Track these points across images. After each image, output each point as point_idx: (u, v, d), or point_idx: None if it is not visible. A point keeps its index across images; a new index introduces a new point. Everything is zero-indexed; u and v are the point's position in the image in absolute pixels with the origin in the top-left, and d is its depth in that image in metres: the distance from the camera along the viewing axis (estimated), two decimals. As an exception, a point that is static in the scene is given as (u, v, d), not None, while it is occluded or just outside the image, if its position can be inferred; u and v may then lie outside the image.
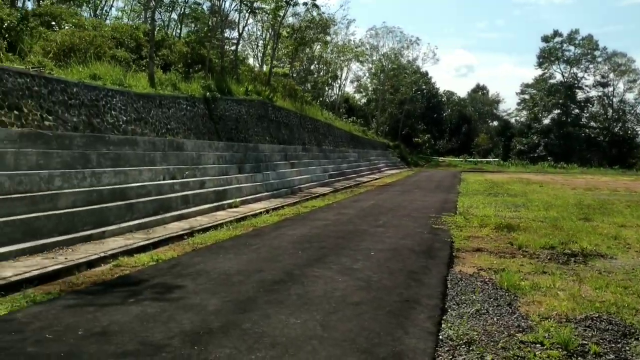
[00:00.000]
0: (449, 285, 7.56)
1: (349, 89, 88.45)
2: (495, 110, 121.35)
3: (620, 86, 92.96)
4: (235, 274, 7.87)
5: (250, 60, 49.00)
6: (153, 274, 7.89)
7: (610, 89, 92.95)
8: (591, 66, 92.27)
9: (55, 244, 10.03)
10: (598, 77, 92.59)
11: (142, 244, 10.94)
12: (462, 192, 25.16)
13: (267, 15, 33.62)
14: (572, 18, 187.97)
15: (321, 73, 59.15)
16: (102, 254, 9.70)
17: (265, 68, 43.12)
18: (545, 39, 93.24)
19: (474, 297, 6.96)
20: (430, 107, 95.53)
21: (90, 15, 36.01)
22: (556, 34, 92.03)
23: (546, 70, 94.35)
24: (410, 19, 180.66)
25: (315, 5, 37.53)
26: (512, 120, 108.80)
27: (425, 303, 6.62)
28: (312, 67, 57.06)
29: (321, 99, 61.37)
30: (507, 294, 7.14)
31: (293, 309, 6.22)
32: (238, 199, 18.70)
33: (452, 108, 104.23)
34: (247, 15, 32.80)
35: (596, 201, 20.61)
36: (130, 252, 10.17)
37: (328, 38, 47.82)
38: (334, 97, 70.30)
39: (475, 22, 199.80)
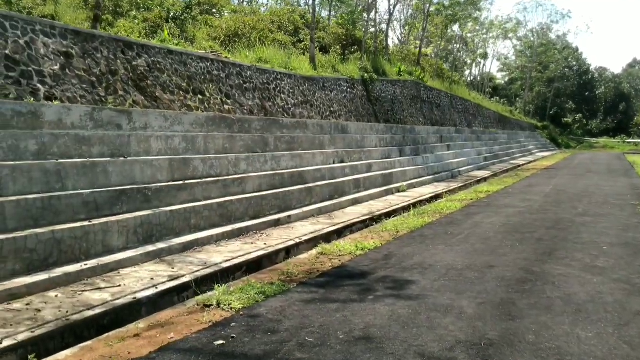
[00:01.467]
0: None
1: (492, 67, 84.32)
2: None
3: None
4: (465, 269, 7.09)
5: (395, 41, 47.93)
6: (371, 265, 7.30)
7: None
8: None
9: (249, 228, 9.87)
10: None
11: (330, 229, 10.52)
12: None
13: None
14: None
15: (460, 53, 56.72)
16: (298, 240, 9.37)
17: (411, 48, 41.92)
18: None
19: None
20: (581, 85, 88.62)
21: (242, 2, 36.87)
22: None
23: None
24: None
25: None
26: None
27: None
28: (450, 46, 54.83)
29: (464, 78, 58.94)
30: None
31: (569, 317, 5.26)
32: (405, 183, 17.96)
33: (606, 85, 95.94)
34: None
35: None
36: (324, 238, 9.77)
37: (477, 14, 45.41)
38: (473, 77, 67.30)
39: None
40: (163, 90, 11.87)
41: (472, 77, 61.73)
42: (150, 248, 7.80)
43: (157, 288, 6.36)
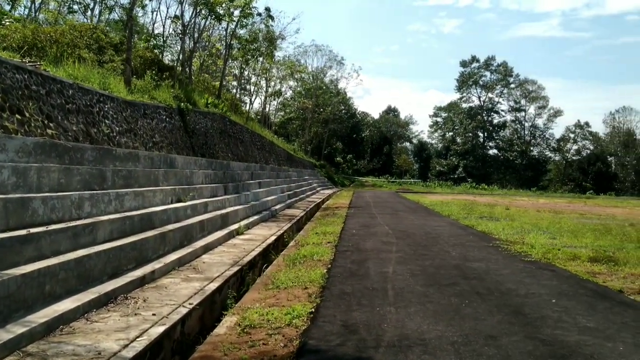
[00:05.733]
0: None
1: (272, 106, 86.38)
2: (407, 132, 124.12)
3: (532, 111, 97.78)
4: (472, 337, 5.92)
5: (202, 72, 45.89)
6: (349, 344, 5.64)
7: (523, 114, 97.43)
8: (505, 91, 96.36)
9: (115, 292, 7.50)
10: (512, 103, 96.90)
11: (210, 286, 8.54)
12: (456, 215, 23.98)
13: (232, 22, 31.14)
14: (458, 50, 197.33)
15: (254, 88, 56.90)
16: (189, 305, 7.31)
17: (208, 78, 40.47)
18: (464, 63, 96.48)
19: None
20: (350, 128, 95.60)
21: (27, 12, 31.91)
22: (474, 59, 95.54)
23: (464, 94, 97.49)
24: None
25: (270, 17, 35.59)
26: (428, 141, 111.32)
27: None
28: (247, 85, 54.70)
29: (253, 115, 59.06)
30: None
31: None
32: (241, 224, 16.39)
33: (370, 129, 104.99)
34: (209, 21, 30.23)
35: (601, 226, 20.11)
36: (211, 300, 7.82)
37: (277, 53, 45.85)
38: (257, 114, 67.96)
39: (372, 46, 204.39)
40: (-29, 105, 8.84)
41: (258, 115, 62.03)
42: (2, 336, 5.23)
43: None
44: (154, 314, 6.73)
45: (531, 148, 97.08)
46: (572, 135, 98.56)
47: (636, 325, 6.75)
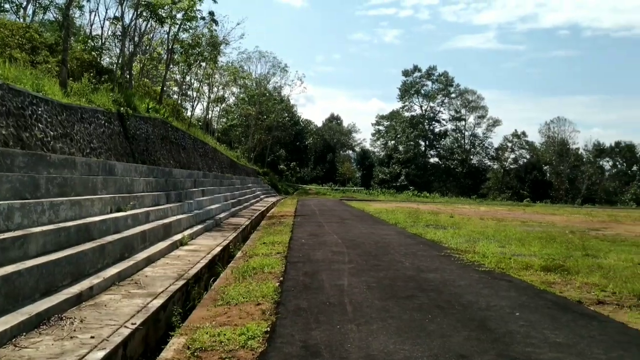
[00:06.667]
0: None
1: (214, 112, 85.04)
2: (350, 140, 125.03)
3: (472, 121, 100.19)
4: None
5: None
6: None
7: (464, 123, 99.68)
8: (446, 101, 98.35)
9: (48, 312, 6.82)
10: (452, 112, 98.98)
11: (154, 303, 7.94)
12: (402, 224, 23.90)
13: (174, 25, 30.20)
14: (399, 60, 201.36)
15: (197, 94, 55.70)
16: (132, 326, 6.71)
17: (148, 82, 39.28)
18: (406, 73, 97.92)
19: None
20: (294, 135, 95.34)
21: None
22: (416, 69, 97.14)
23: (407, 103, 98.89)
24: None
25: (214, 21, 34.82)
26: (370, 149, 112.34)
27: None
28: (189, 90, 53.42)
29: (195, 121, 57.83)
30: None
31: None
32: (185, 234, 15.73)
33: (314, 137, 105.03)
34: (151, 24, 29.26)
35: (544, 234, 20.42)
36: (163, 320, 7.24)
37: (220, 58, 44.97)
38: (199, 119, 66.65)
39: (315, 54, 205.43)
40: None
41: (201, 122, 60.74)
42: None
43: None
44: (92, 337, 6.10)
45: (471, 157, 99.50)
46: (509, 145, 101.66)
47: (604, 339, 6.61)
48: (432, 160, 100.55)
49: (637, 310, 8.27)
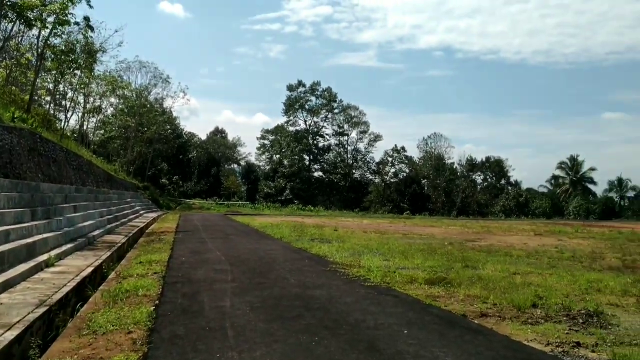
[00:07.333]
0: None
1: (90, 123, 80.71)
2: (235, 154, 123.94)
3: (354, 136, 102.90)
4: None
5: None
6: None
7: (346, 138, 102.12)
8: (330, 116, 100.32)
9: None
10: (336, 127, 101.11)
11: (10, 334, 7.03)
12: (288, 238, 23.68)
13: (45, 29, 28.12)
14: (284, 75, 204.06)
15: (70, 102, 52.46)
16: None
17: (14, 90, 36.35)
18: (290, 87, 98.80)
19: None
20: (176, 148, 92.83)
21: None
22: (300, 83, 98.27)
23: (291, 118, 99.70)
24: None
25: (89, 27, 32.93)
26: (256, 163, 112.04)
27: None
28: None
29: (69, 133, 54.49)
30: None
31: None
32: (51, 254, 14.48)
33: (198, 150, 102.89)
34: (18, 27, 27.04)
35: (425, 246, 21.07)
36: (17, 355, 6.38)
37: (97, 66, 42.64)
38: (73, 131, 62.98)
39: (198, 67, 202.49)
40: None
41: (75, 133, 57.33)
42: None
43: None
44: None
45: (353, 171, 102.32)
46: (390, 159, 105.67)
47: (491, 354, 6.65)
48: (316, 174, 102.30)
49: (517, 321, 8.56)
